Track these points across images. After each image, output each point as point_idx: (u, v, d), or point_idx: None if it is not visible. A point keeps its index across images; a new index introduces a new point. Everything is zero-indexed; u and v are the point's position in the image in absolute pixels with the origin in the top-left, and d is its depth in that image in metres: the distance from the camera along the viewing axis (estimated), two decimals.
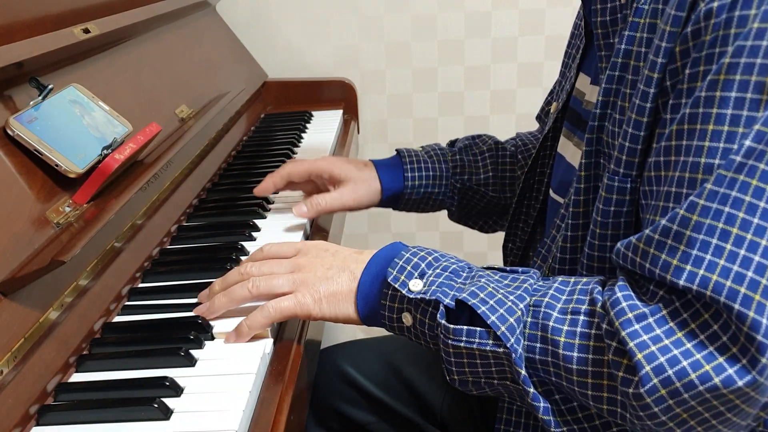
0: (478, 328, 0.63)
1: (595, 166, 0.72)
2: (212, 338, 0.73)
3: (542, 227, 0.95)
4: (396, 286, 0.68)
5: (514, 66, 1.78)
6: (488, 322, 0.62)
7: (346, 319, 0.72)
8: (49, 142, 0.77)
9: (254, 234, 0.96)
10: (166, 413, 0.61)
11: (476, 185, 1.04)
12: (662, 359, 0.54)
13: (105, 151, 0.83)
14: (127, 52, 1.10)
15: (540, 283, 0.67)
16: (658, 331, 0.55)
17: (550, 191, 0.87)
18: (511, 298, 0.64)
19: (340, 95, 1.66)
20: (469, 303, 0.63)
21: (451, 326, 0.64)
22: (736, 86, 0.54)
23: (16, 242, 0.68)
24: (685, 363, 0.54)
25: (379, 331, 0.82)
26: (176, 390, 0.64)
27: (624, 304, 0.58)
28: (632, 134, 0.64)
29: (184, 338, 0.71)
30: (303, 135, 1.44)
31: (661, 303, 0.57)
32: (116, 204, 0.79)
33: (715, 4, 0.56)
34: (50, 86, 0.81)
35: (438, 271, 0.68)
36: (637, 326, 0.56)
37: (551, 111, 0.90)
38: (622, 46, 0.67)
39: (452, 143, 1.09)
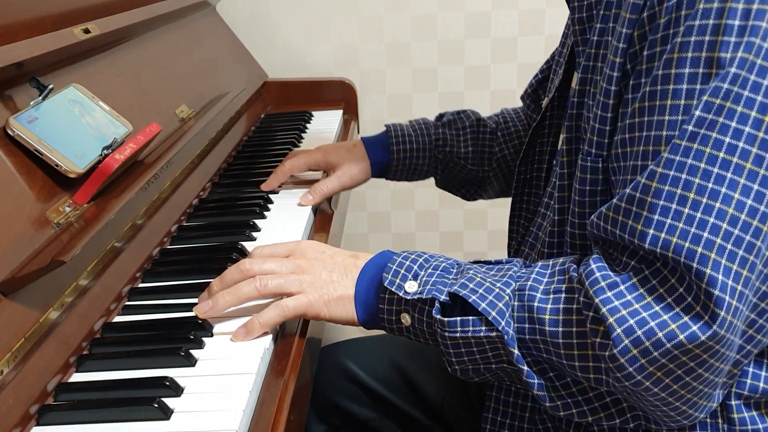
0: (471, 317, 0.67)
1: (576, 152, 0.75)
2: (212, 337, 0.73)
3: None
4: (392, 289, 0.72)
5: (514, 66, 1.78)
6: (479, 309, 0.66)
7: (347, 321, 0.75)
8: (50, 142, 0.77)
9: (254, 234, 0.96)
10: (166, 413, 0.61)
11: (456, 158, 1.13)
12: (632, 321, 0.59)
13: (105, 151, 0.83)
14: (127, 52, 1.10)
15: (523, 270, 0.71)
16: (629, 297, 0.60)
17: None
18: (498, 285, 0.68)
19: (340, 95, 1.66)
20: (460, 294, 0.67)
21: (446, 319, 0.68)
22: (688, 63, 0.59)
23: (17, 242, 0.68)
24: (652, 323, 0.58)
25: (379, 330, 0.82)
26: (176, 390, 0.64)
27: (597, 274, 0.62)
28: (600, 116, 0.68)
29: (184, 338, 0.71)
30: (303, 135, 1.44)
31: (632, 272, 0.61)
32: (116, 204, 0.79)
33: None
34: (50, 86, 0.82)
35: (430, 270, 0.72)
36: (609, 293, 0.61)
37: (542, 105, 0.93)
38: (594, 38, 0.72)
39: (440, 117, 1.16)
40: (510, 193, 1.13)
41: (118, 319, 0.78)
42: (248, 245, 0.92)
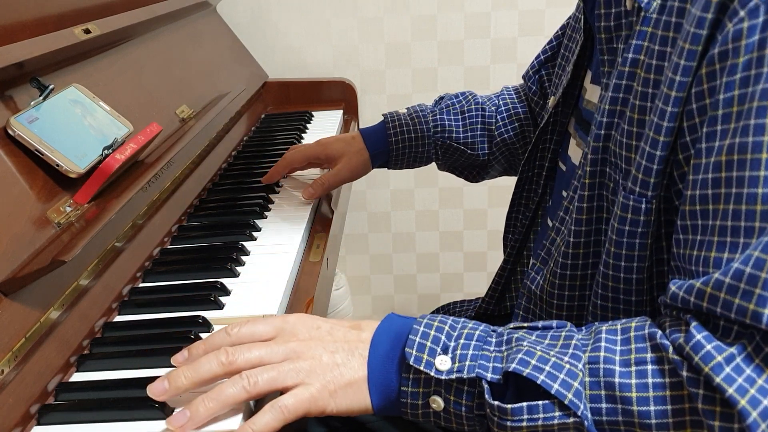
0: (541, 402, 0.57)
1: (601, 175, 0.70)
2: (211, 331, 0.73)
3: (537, 223, 0.95)
4: (420, 368, 0.60)
5: (514, 66, 1.78)
6: (552, 392, 0.56)
7: (360, 411, 0.63)
8: (50, 142, 0.77)
9: (254, 234, 0.96)
10: (166, 413, 0.61)
11: (456, 144, 1.11)
12: (765, 402, 0.51)
13: (106, 151, 0.83)
14: (127, 52, 1.11)
15: (584, 335, 0.61)
16: (749, 372, 0.52)
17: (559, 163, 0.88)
18: (566, 359, 0.58)
19: (340, 95, 1.66)
20: (523, 374, 0.57)
21: (509, 406, 0.57)
22: None
23: (17, 242, 0.68)
24: None
25: None
26: None
27: (709, 346, 0.53)
28: (649, 153, 0.61)
29: (184, 338, 0.71)
30: (303, 135, 1.44)
31: (744, 340, 0.53)
32: (117, 204, 0.79)
33: (746, 25, 0.53)
34: (51, 86, 0.82)
35: (463, 341, 0.61)
36: (728, 370, 0.52)
37: (549, 105, 0.91)
38: (629, 55, 0.65)
39: (438, 101, 1.15)
40: (513, 172, 1.14)
41: (118, 318, 0.78)
42: (248, 245, 0.93)
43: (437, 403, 0.60)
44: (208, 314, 0.76)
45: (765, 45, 0.52)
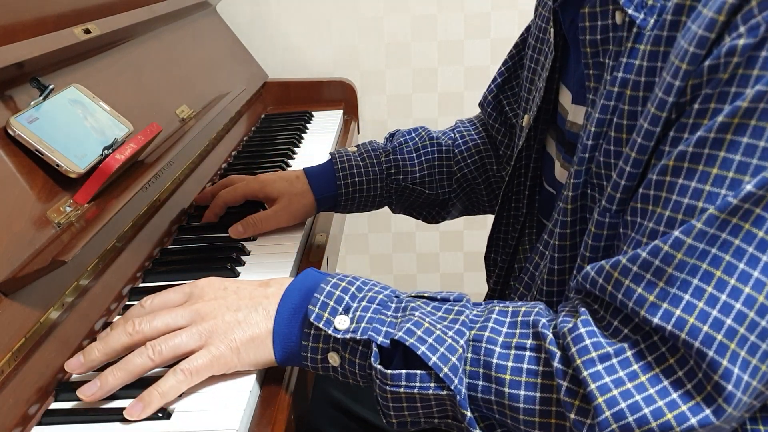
0: (419, 372, 0.59)
1: (582, 197, 0.68)
2: None
3: (525, 243, 0.90)
4: (320, 325, 0.63)
5: None
6: (429, 363, 0.59)
7: (266, 364, 0.66)
8: (50, 142, 0.77)
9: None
10: (166, 413, 0.61)
11: (412, 184, 1.03)
12: (623, 405, 0.52)
13: (106, 151, 0.83)
14: (127, 52, 1.10)
15: (476, 312, 0.63)
16: (621, 374, 0.53)
17: (545, 185, 0.85)
18: (450, 333, 0.60)
19: (340, 95, 1.66)
20: (406, 343, 0.60)
21: (389, 372, 0.60)
22: (749, 132, 0.50)
23: (17, 242, 0.68)
24: (646, 410, 0.52)
25: None
26: None
27: (588, 341, 0.55)
28: (629, 173, 0.60)
29: None
30: (303, 135, 1.44)
31: (626, 343, 0.54)
32: (117, 204, 0.79)
33: (741, 42, 0.50)
34: (51, 86, 0.82)
35: (365, 303, 0.64)
36: (599, 367, 0.54)
37: (523, 124, 0.85)
38: (619, 74, 0.62)
39: (390, 138, 1.06)
40: (474, 211, 1.08)
41: (118, 318, 0.78)
42: (248, 245, 0.92)
43: (334, 359, 0.64)
44: None
45: (754, 64, 0.50)
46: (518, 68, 0.98)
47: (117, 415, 0.62)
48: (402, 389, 0.60)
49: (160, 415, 0.61)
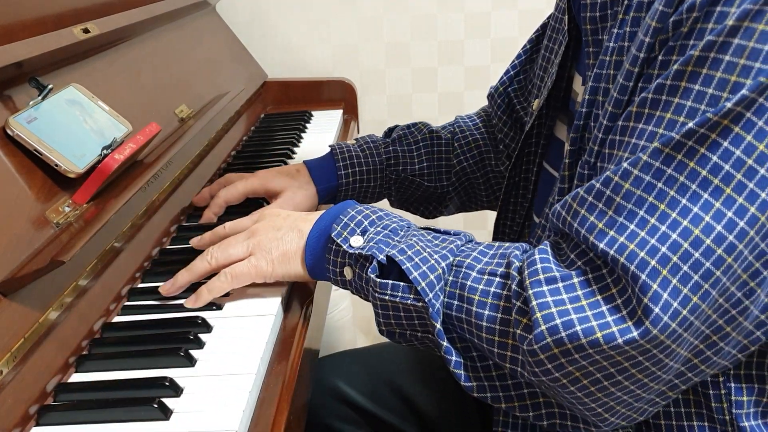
0: (402, 283, 0.67)
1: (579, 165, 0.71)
2: (212, 337, 0.73)
3: (529, 222, 0.93)
4: (338, 241, 0.72)
5: None
6: (410, 277, 0.66)
7: (297, 276, 0.77)
8: (49, 142, 0.77)
9: None
10: (165, 413, 0.61)
11: (411, 176, 1.06)
12: (558, 321, 0.57)
13: (105, 151, 0.83)
14: (126, 51, 1.10)
15: (467, 245, 0.70)
16: (564, 296, 0.58)
17: (545, 165, 0.87)
18: (435, 256, 0.67)
19: (340, 95, 1.66)
20: (396, 259, 0.67)
21: (379, 280, 0.68)
22: (700, 80, 0.55)
23: (16, 242, 0.68)
24: (578, 327, 0.56)
25: (372, 340, 0.82)
26: (176, 390, 0.64)
27: (539, 265, 0.60)
28: (606, 126, 0.64)
29: (184, 338, 0.71)
30: (303, 135, 1.44)
31: (575, 272, 0.59)
32: (116, 204, 0.79)
33: None
34: (50, 86, 0.81)
35: (379, 229, 0.72)
36: (544, 287, 0.59)
37: (533, 108, 0.89)
38: (611, 44, 0.67)
39: (389, 132, 1.09)
40: (471, 207, 1.12)
41: (117, 319, 0.78)
42: None
43: (348, 272, 0.73)
44: (207, 314, 0.76)
45: (709, 18, 0.55)
46: (528, 63, 1.01)
47: (116, 415, 0.62)
48: (387, 297, 0.68)
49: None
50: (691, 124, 0.54)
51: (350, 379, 0.99)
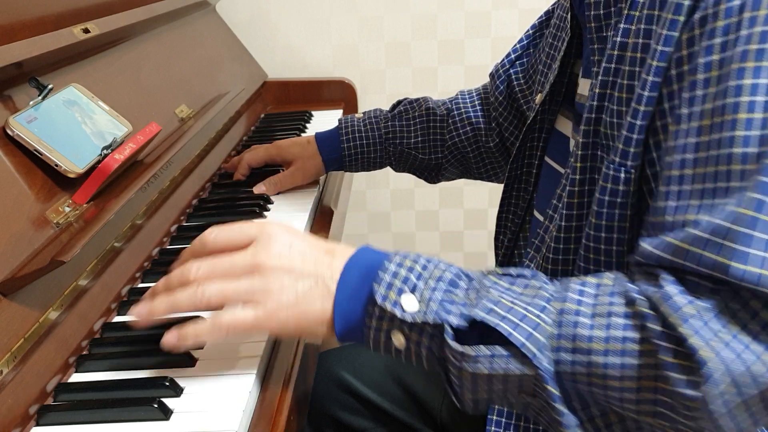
0: (503, 351, 0.56)
1: (592, 158, 0.70)
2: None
3: (529, 217, 0.94)
4: (388, 307, 0.59)
5: None
6: (510, 338, 0.55)
7: (314, 338, 0.67)
8: (49, 142, 0.77)
9: None
10: (165, 413, 0.61)
11: (407, 148, 1.15)
12: (724, 354, 0.51)
13: (105, 151, 0.83)
14: (126, 51, 1.10)
15: (555, 287, 0.60)
16: (717, 325, 0.52)
17: (546, 158, 0.88)
18: (531, 308, 0.57)
19: (340, 95, 1.66)
20: (486, 321, 0.56)
21: (473, 353, 0.57)
22: (765, 72, 0.52)
23: (16, 242, 0.68)
24: (745, 356, 0.51)
25: None
26: (176, 390, 0.64)
27: (678, 298, 0.54)
28: (630, 123, 0.62)
29: None
30: (303, 135, 1.44)
31: (717, 297, 0.53)
32: (116, 204, 0.79)
33: None
34: (50, 86, 0.81)
35: (432, 283, 0.60)
36: (694, 321, 0.52)
37: (536, 102, 0.89)
38: (618, 39, 0.66)
39: (395, 106, 1.18)
40: (471, 175, 1.18)
41: (117, 319, 0.78)
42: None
43: (399, 340, 0.60)
44: (208, 314, 0.76)
45: (744, 9, 0.53)
46: (531, 47, 1.04)
47: (116, 415, 0.62)
48: (480, 365, 0.57)
49: (159, 415, 0.61)
50: None
51: (355, 370, 1.00)
